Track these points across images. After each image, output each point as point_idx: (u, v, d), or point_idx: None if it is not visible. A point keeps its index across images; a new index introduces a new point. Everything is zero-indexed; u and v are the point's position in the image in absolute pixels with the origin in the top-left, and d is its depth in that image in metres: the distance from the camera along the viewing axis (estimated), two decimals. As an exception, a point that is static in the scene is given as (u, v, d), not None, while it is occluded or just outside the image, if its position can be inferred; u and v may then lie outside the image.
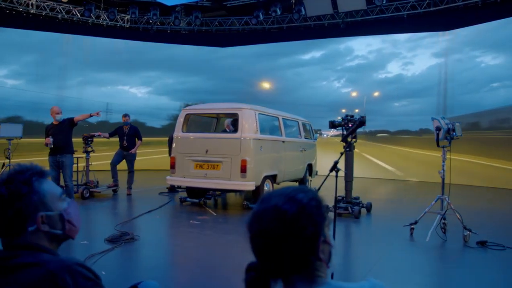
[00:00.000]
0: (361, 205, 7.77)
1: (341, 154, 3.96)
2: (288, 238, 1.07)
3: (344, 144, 7.18)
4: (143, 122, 16.51)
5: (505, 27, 12.88)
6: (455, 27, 13.84)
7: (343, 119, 7.60)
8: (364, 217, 7.56)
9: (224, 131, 8.84)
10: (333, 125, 7.58)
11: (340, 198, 7.68)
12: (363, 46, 16.00)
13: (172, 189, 9.96)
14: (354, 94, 16.21)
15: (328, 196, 4.51)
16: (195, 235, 6.09)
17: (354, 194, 7.97)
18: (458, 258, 5.38)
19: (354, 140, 7.35)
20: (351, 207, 7.47)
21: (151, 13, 15.27)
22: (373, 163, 15.49)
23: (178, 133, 8.26)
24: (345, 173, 3.51)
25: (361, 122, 4.13)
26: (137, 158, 9.82)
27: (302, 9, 14.48)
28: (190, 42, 16.68)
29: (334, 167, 3.84)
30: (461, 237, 5.82)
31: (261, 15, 15.03)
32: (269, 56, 17.16)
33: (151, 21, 15.96)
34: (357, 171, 14.53)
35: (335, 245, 1.17)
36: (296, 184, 10.30)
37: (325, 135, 16.51)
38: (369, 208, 7.96)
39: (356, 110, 15.94)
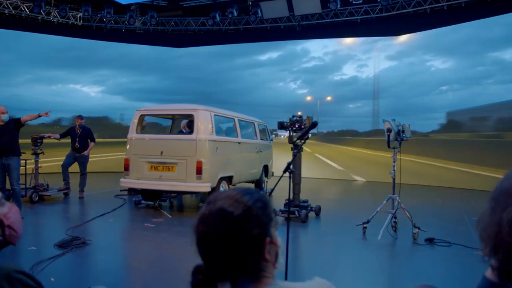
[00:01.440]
0: (309, 208, 7.56)
1: (294, 155, 4.02)
2: (234, 240, 1.07)
3: (291, 145, 7.29)
4: (110, 120, 16.08)
5: (454, 33, 13.51)
6: (406, 32, 14.37)
7: (290, 119, 7.45)
8: (313, 220, 7.47)
9: (181, 132, 8.76)
10: (282, 126, 7.52)
11: (287, 201, 7.31)
12: (319, 48, 16.34)
13: (131, 191, 9.78)
14: (310, 95, 16.48)
15: (283, 198, 4.56)
16: (150, 238, 6.00)
17: (307, 195, 8.09)
18: (407, 255, 5.60)
19: (302, 141, 7.33)
20: (298, 210, 7.24)
21: (105, 11, 14.89)
22: (328, 164, 15.79)
23: (132, 134, 8.11)
24: (293, 176, 3.52)
25: (313, 123, 4.20)
26: (90, 160, 9.56)
27: (259, 11, 14.56)
28: (146, 41, 16.40)
29: (288, 169, 3.89)
30: (411, 235, 6.04)
31: (217, 16, 14.99)
32: (226, 56, 17.17)
33: (104, 20, 15.57)
34: (311, 172, 14.94)
35: (282, 246, 1.18)
36: (253, 185, 10.36)
37: (281, 136, 16.67)
38: (317, 211, 7.76)
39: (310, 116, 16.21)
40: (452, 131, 13.88)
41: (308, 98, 16.44)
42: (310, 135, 5.81)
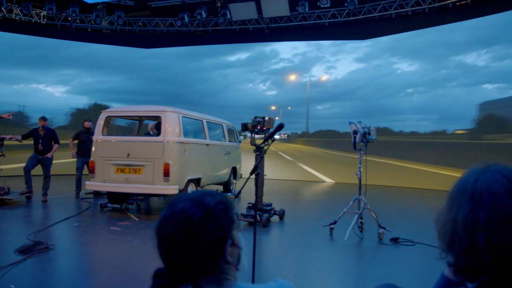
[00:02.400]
0: (272, 212, 7.38)
1: (261, 157, 4.04)
2: (194, 242, 1.08)
3: (254, 147, 7.12)
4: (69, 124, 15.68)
5: (419, 37, 13.88)
6: (373, 36, 14.68)
7: (252, 121, 7.30)
8: (277, 224, 7.33)
9: (148, 134, 8.65)
10: (245, 127, 7.42)
11: (250, 205, 7.26)
12: (288, 49, 16.49)
13: (97, 194, 9.59)
14: (277, 97, 16.59)
15: (251, 200, 4.57)
16: (116, 242, 5.89)
17: (276, 197, 8.12)
18: (373, 254, 5.70)
19: (265, 144, 7.22)
20: (260, 214, 7.01)
21: (70, 10, 14.56)
22: (297, 166, 15.92)
23: (98, 136, 7.95)
24: (255, 179, 3.51)
25: (279, 126, 4.22)
26: (54, 162, 9.31)
27: (228, 13, 14.57)
28: (113, 42, 16.13)
29: (255, 171, 3.90)
30: (376, 235, 6.17)
31: (186, 17, 14.90)
32: (195, 57, 17.08)
33: (70, 19, 15.22)
34: (280, 174, 15.04)
35: (245, 248, 1.19)
36: (221, 187, 10.34)
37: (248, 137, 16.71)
38: (281, 215, 7.57)
39: (277, 118, 16.33)
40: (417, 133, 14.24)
41: (278, 96, 16.55)
42: (278, 136, 5.85)
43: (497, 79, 12.75)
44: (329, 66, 16.10)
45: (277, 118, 16.15)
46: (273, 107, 16.63)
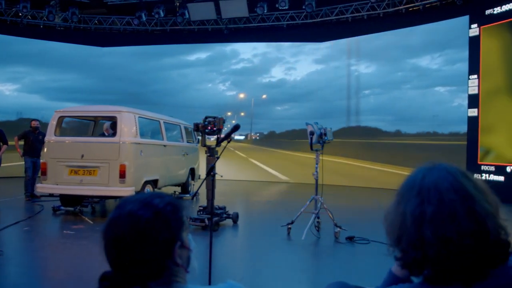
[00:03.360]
0: (224, 215, 7.13)
1: (217, 158, 4.04)
2: (142, 244, 1.06)
3: (205, 149, 7.00)
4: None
5: (376, 39, 14.26)
6: (330, 39, 14.97)
7: (203, 121, 7.07)
8: (231, 227, 7.13)
9: (103, 134, 8.45)
10: (197, 127, 7.28)
11: (201, 208, 6.96)
12: (248, 49, 16.48)
13: (34, 196, 9.25)
14: (239, 96, 16.59)
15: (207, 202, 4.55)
16: (69, 246, 5.73)
17: (233, 198, 8.11)
18: (329, 253, 5.82)
19: (216, 145, 6.80)
20: (209, 218, 6.41)
21: (21, 5, 13.96)
22: (256, 166, 15.99)
23: (50, 136, 7.69)
24: (212, 179, 3.50)
25: (235, 126, 4.22)
26: (2, 165, 8.94)
27: (186, 13, 14.45)
28: (66, 39, 15.64)
29: (211, 172, 3.90)
30: (333, 234, 6.28)
31: (143, 16, 14.66)
32: (153, 56, 16.79)
33: (20, 14, 14.63)
34: (240, 175, 15.07)
35: (195, 250, 1.19)
36: (179, 188, 10.26)
37: (210, 139, 16.60)
38: (235, 218, 7.28)
39: (242, 113, 16.38)
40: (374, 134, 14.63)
41: (239, 96, 16.55)
42: (234, 136, 5.82)
43: (449, 82, 13.27)
44: (288, 67, 16.27)
45: (242, 113, 16.22)
46: (239, 96, 16.59)
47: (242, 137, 16.83)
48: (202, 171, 11.43)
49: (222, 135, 5.88)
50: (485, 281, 1.05)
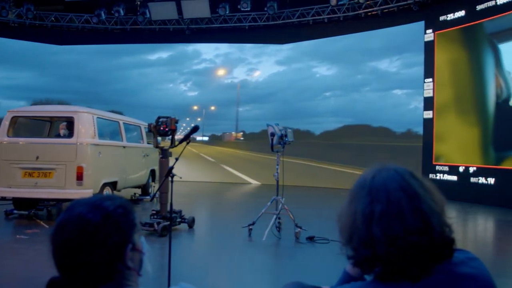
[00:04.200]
0: (178, 220, 6.75)
1: (176, 159, 4.00)
2: (92, 248, 1.04)
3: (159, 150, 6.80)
4: None
5: (337, 42, 14.53)
6: (292, 41, 15.13)
7: (156, 121, 6.75)
8: (189, 231, 6.91)
9: (58, 135, 8.20)
10: (149, 128, 7.00)
11: (154, 212, 6.63)
12: (211, 50, 16.38)
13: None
14: (199, 98, 16.49)
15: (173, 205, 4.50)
16: (22, 251, 5.51)
17: (195, 200, 8.04)
18: (290, 253, 5.88)
19: (171, 146, 6.73)
20: (157, 223, 6.35)
21: (-29, 0, 13.39)
22: (219, 168, 15.94)
23: (2, 137, 7.38)
24: (171, 181, 3.44)
25: (194, 128, 4.20)
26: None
27: (147, 12, 14.25)
28: (21, 36, 15.06)
29: (169, 173, 3.86)
30: (293, 234, 6.34)
31: (103, 14, 14.34)
32: (112, 54, 16.43)
33: (-30, 9, 13.99)
34: (201, 176, 14.97)
35: (147, 253, 1.17)
36: (139, 190, 10.09)
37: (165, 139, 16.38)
38: (190, 223, 6.93)
39: (199, 119, 16.27)
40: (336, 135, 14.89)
41: (199, 97, 16.44)
42: (196, 137, 5.78)
43: (406, 85, 13.69)
44: (251, 68, 16.30)
45: (199, 119, 16.12)
46: (199, 97, 16.49)
47: (206, 138, 16.73)
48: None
49: (181, 136, 5.74)
50: (432, 277, 1.09)
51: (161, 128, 6.65)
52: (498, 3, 10.31)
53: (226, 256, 5.57)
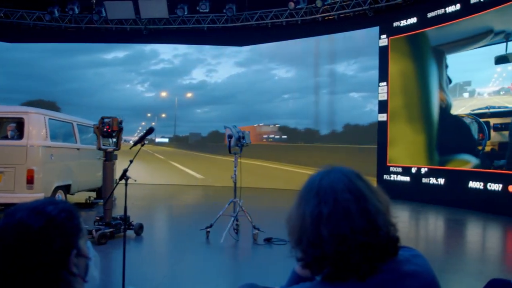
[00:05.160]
0: (122, 227, 6.11)
1: (130, 162, 3.93)
2: (34, 254, 1.01)
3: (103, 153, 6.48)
4: None
5: (297, 44, 14.67)
6: (250, 44, 15.19)
7: (100, 122, 6.43)
8: (145, 234, 6.67)
9: (6, 137, 7.85)
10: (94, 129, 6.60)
11: (98, 218, 6.27)
12: (169, 50, 16.12)
13: None
14: (158, 97, 16.24)
15: (125, 210, 4.38)
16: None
17: (151, 203, 7.91)
18: (248, 255, 5.91)
19: (115, 148, 6.56)
20: (96, 230, 5.98)
21: None
22: (178, 169, 15.76)
23: None
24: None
25: (149, 129, 4.14)
26: None
27: (103, 11, 13.91)
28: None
29: (124, 176, 3.78)
30: (251, 236, 6.37)
31: (56, 12, 13.89)
32: (66, 52, 15.82)
33: None
34: (160, 178, 14.77)
35: (93, 258, 1.14)
36: (94, 194, 9.84)
37: (131, 142, 16.10)
38: (137, 230, 6.53)
39: (163, 115, 16.07)
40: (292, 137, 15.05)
41: (158, 97, 16.18)
42: (155, 139, 5.67)
43: (362, 88, 14.01)
44: (210, 69, 16.18)
45: (163, 115, 15.88)
46: (158, 97, 16.19)
47: (165, 140, 16.48)
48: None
49: (136, 138, 5.57)
50: (377, 275, 1.12)
51: (104, 129, 6.33)
52: (447, 12, 10.78)
53: (184, 260, 5.51)
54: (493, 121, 9.77)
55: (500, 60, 9.54)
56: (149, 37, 15.12)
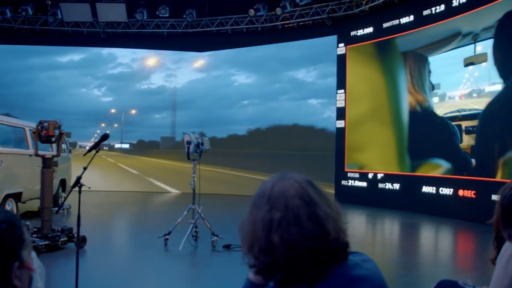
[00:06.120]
0: (60, 242, 5.89)
1: (84, 169, 3.83)
2: None
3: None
4: None
5: (257, 51, 14.76)
6: (211, 49, 15.15)
7: (37, 126, 6.01)
8: (102, 243, 6.50)
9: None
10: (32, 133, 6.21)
11: (36, 229, 5.83)
12: (127, 54, 15.76)
13: None
14: (115, 103, 15.88)
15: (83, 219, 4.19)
16: None
17: (107, 211, 7.73)
18: (207, 262, 5.88)
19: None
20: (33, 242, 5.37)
21: None
22: (134, 175, 15.44)
23: None
24: (79, 192, 3.21)
25: (104, 135, 4.05)
26: None
27: (59, 13, 13.51)
28: None
29: (77, 183, 3.68)
30: (210, 243, 6.32)
31: (8, 12, 13.35)
32: (17, 54, 15.17)
33: None
34: (116, 185, 14.41)
35: (38, 269, 1.10)
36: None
37: (87, 147, 15.62)
38: (80, 243, 5.49)
39: (115, 125, 15.71)
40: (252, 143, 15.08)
41: (115, 103, 15.81)
42: (114, 145, 5.52)
43: (321, 95, 14.23)
44: (169, 74, 15.96)
45: (115, 125, 15.53)
46: (115, 103, 15.81)
47: (126, 146, 16.10)
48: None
49: (92, 144, 5.27)
50: (327, 280, 1.14)
51: (42, 134, 5.86)
52: (401, 22, 11.18)
53: (142, 268, 5.41)
54: (464, 124, 9.85)
55: (469, 61, 9.60)
56: (107, 41, 14.80)
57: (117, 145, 15.93)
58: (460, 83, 10.09)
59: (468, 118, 9.78)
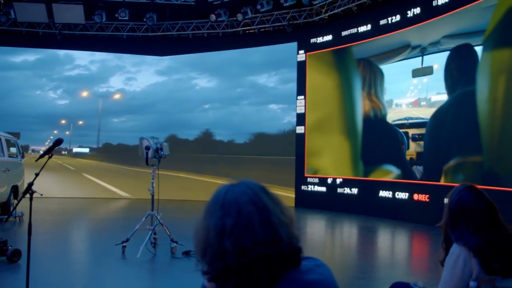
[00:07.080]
0: None
1: (36, 175, 3.70)
2: None
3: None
4: None
5: (219, 55, 14.71)
6: (171, 54, 14.98)
7: None
8: (53, 252, 6.33)
9: None
10: None
11: None
12: (85, 55, 15.28)
13: None
14: (71, 107, 15.39)
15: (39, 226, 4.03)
16: None
17: (62, 218, 7.48)
18: (166, 269, 5.80)
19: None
20: None
21: None
22: (92, 182, 15.03)
23: None
24: (30, 199, 3.12)
25: (58, 141, 3.93)
26: None
27: (12, 13, 13.02)
28: None
29: (29, 190, 3.55)
30: (169, 250, 6.24)
31: (-43, 10, 12.76)
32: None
33: None
34: (72, 191, 13.97)
35: None
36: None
37: (40, 151, 15.02)
38: (11, 257, 5.40)
39: (67, 132, 15.24)
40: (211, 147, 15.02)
41: (71, 106, 15.33)
42: (73, 149, 5.34)
43: (281, 100, 14.34)
44: (129, 77, 15.61)
45: (67, 132, 15.08)
46: (70, 105, 15.29)
47: (86, 150, 15.62)
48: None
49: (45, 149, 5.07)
50: (280, 286, 1.16)
51: None
52: (359, 31, 11.48)
53: (98, 277, 5.28)
54: (411, 131, 10.42)
55: (416, 73, 10.20)
56: (64, 43, 14.38)
57: (76, 149, 15.45)
58: (407, 92, 10.67)
59: (415, 126, 10.35)
